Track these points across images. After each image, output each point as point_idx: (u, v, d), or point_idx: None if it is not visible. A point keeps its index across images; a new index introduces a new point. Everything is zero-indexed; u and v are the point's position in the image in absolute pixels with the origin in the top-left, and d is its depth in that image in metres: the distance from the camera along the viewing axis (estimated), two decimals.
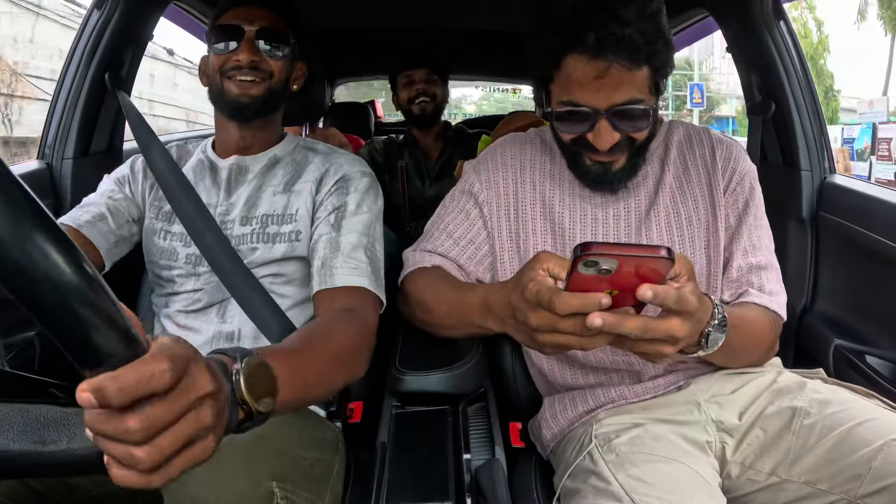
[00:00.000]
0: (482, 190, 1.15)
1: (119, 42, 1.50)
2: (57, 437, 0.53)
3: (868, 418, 0.92)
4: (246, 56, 1.12)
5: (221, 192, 1.19)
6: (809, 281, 1.58)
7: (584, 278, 0.68)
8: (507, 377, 1.27)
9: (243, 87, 1.13)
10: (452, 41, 2.71)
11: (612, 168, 1.03)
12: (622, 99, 0.95)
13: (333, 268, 1.06)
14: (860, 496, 0.87)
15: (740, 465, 1.00)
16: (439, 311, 1.06)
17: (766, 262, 1.08)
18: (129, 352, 0.45)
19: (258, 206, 1.16)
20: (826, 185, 1.56)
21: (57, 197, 1.49)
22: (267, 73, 1.15)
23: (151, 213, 1.21)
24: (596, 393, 1.10)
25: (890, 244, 1.28)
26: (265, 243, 1.13)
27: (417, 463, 0.92)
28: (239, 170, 1.20)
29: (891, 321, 1.34)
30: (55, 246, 0.42)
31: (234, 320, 1.13)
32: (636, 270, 0.67)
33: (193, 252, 1.14)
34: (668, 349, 0.75)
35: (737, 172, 1.10)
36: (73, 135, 1.49)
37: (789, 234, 1.61)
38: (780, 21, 1.57)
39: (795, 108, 1.58)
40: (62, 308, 0.42)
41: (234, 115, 1.16)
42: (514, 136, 1.22)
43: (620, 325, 0.69)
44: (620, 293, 0.69)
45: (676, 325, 0.73)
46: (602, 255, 0.65)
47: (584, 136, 1.00)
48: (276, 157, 1.22)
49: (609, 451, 0.97)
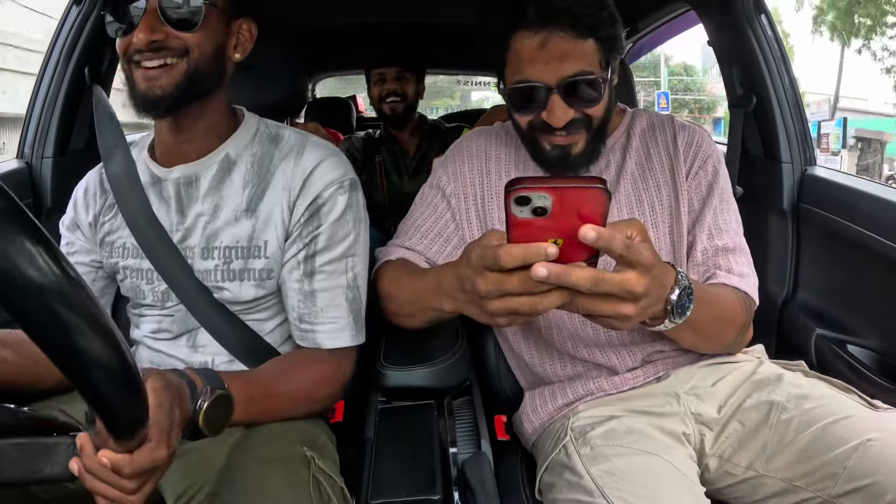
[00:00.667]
0: (449, 182, 1.16)
1: (98, 38, 1.48)
2: (42, 466, 0.63)
3: (845, 415, 0.92)
4: (144, 34, 0.86)
5: (173, 212, 1.00)
6: (791, 272, 1.60)
7: (522, 223, 0.63)
8: (491, 370, 1.27)
9: (149, 76, 0.89)
10: (430, 35, 2.70)
11: (572, 152, 1.02)
12: (571, 71, 0.95)
13: (314, 328, 0.98)
14: (834, 496, 0.87)
15: (718, 458, 1.01)
16: (401, 300, 1.05)
17: (733, 244, 1.06)
18: (142, 429, 0.62)
19: (217, 235, 0.98)
20: (807, 176, 1.58)
21: (37, 197, 1.48)
22: (179, 51, 0.90)
23: (105, 250, 1.05)
24: (575, 385, 1.10)
25: (869, 234, 1.30)
26: (231, 281, 0.98)
27: (404, 458, 0.92)
28: (188, 181, 0.99)
29: (871, 310, 1.36)
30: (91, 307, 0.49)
31: (205, 349, 1.01)
32: (576, 210, 0.62)
33: (159, 288, 1.00)
34: (628, 308, 0.68)
35: (699, 157, 1.09)
36: (53, 133, 1.47)
37: (770, 225, 1.62)
38: (762, 15, 1.58)
39: (776, 100, 1.59)
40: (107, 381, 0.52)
41: (146, 113, 0.92)
42: (480, 129, 1.23)
43: (567, 275, 0.63)
44: (567, 244, 0.64)
45: (633, 278, 0.66)
46: (531, 188, 0.61)
47: (539, 115, 0.99)
48: (231, 159, 1.00)
49: (584, 444, 0.98)
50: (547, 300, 0.67)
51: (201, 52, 0.91)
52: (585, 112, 0.99)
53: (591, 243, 0.62)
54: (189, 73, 0.90)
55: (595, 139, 1.03)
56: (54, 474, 0.64)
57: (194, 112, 0.96)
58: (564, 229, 0.63)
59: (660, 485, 0.87)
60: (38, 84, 1.50)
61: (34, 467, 0.63)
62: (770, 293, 1.58)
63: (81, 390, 0.51)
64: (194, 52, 0.90)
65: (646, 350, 1.09)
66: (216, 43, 0.94)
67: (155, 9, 0.88)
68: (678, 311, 0.80)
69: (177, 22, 0.88)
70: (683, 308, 0.80)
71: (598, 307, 0.68)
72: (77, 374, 0.49)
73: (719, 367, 1.08)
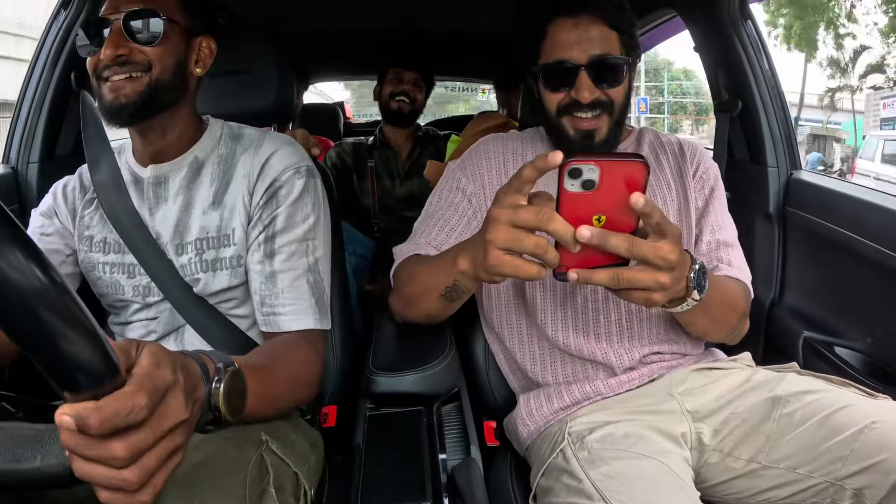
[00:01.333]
0: (469, 183, 1.20)
1: None
2: (30, 454, 0.53)
3: (847, 404, 0.94)
4: (109, 50, 0.94)
5: (147, 210, 1.05)
6: (777, 275, 1.61)
7: (572, 197, 0.69)
8: (480, 376, 1.28)
9: (115, 87, 0.96)
10: (422, 42, 2.72)
11: (595, 137, 1.10)
12: (599, 51, 1.08)
13: (275, 310, 1.00)
14: (842, 477, 0.89)
15: (719, 454, 1.02)
16: (418, 278, 1.05)
17: (732, 241, 1.16)
18: (110, 377, 0.49)
19: (189, 229, 1.03)
20: (792, 180, 1.60)
21: (22, 202, 1.46)
22: (142, 66, 0.96)
23: (83, 245, 1.08)
24: (571, 389, 1.11)
25: (854, 237, 1.32)
26: (205, 272, 1.02)
27: (393, 464, 0.92)
28: (157, 181, 1.05)
29: (857, 311, 1.37)
30: (33, 261, 0.42)
31: (192, 347, 1.03)
32: (620, 182, 0.69)
33: (140, 282, 1.04)
34: (664, 277, 0.74)
35: (702, 164, 1.21)
36: (39, 138, 1.46)
37: (757, 229, 1.64)
38: (747, 21, 1.60)
39: (762, 105, 1.61)
40: (42, 325, 0.43)
41: (112, 121, 0.98)
42: (496, 135, 1.29)
43: (607, 237, 0.68)
44: (609, 220, 0.70)
45: (666, 246, 0.72)
46: (582, 160, 0.67)
47: (568, 94, 1.09)
48: (199, 161, 1.06)
49: (581, 448, 0.98)
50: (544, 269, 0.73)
51: (163, 66, 0.98)
52: (608, 94, 1.10)
53: (638, 209, 0.68)
54: (152, 85, 0.97)
55: (616, 127, 1.13)
56: (46, 466, 0.53)
57: (160, 123, 1.02)
58: (609, 202, 0.70)
59: (658, 488, 0.88)
60: (25, 88, 1.48)
61: (19, 456, 0.53)
62: (757, 296, 1.58)
63: (20, 338, 0.44)
64: (156, 65, 0.97)
65: (643, 351, 1.11)
66: (177, 58, 1.01)
67: (119, 28, 0.95)
68: (697, 287, 0.85)
69: (139, 38, 0.96)
70: (702, 286, 0.86)
71: (637, 277, 0.74)
72: (16, 320, 0.43)
73: (712, 371, 1.10)
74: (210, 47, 1.06)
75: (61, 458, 0.52)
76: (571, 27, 1.09)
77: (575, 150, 1.07)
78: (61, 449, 0.52)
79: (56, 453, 0.53)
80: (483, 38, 2.63)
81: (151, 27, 0.97)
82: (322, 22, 2.37)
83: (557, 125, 1.13)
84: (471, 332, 1.30)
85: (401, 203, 2.33)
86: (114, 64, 0.95)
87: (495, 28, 2.41)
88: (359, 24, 2.46)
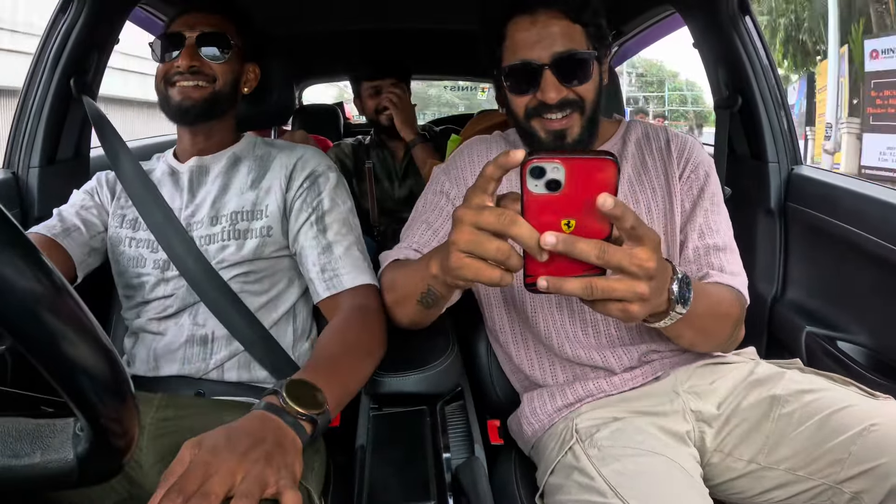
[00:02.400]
0: (453, 187, 1.18)
1: (84, 47, 1.47)
2: (31, 450, 0.51)
3: (847, 405, 0.93)
4: (185, 61, 1.13)
5: (185, 194, 1.19)
6: (779, 270, 1.61)
7: (536, 200, 0.63)
8: (483, 375, 1.28)
9: (184, 91, 1.14)
10: (416, 41, 2.71)
11: (568, 136, 1.06)
12: (562, 48, 1.03)
13: (337, 272, 1.10)
14: (840, 481, 0.88)
15: (720, 454, 1.02)
16: (398, 282, 1.05)
17: (723, 244, 1.09)
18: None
19: (226, 204, 1.16)
20: (793, 175, 1.60)
21: (23, 207, 1.46)
22: (209, 77, 1.16)
23: (115, 221, 1.21)
24: (574, 387, 1.11)
25: (855, 231, 1.32)
26: (236, 240, 1.13)
27: (397, 464, 0.92)
28: (200, 170, 1.21)
29: (860, 306, 1.37)
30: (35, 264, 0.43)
31: (206, 323, 1.13)
32: (588, 183, 0.62)
33: (161, 257, 1.14)
34: (642, 287, 0.66)
35: (691, 162, 1.14)
36: (39, 143, 1.46)
37: (758, 225, 1.64)
38: (746, 16, 1.60)
39: (762, 101, 1.60)
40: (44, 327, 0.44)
41: (178, 119, 1.18)
42: (479, 138, 1.27)
43: (574, 244, 0.62)
44: (579, 226, 0.64)
45: (643, 253, 0.65)
46: (544, 158, 0.62)
47: (534, 96, 1.05)
48: (237, 156, 1.23)
49: (591, 445, 0.98)
50: (507, 276, 0.68)
51: (224, 81, 1.18)
52: (577, 92, 1.05)
53: (607, 211, 0.61)
54: (214, 94, 1.17)
55: (590, 125, 1.07)
56: (46, 462, 0.50)
57: (210, 127, 1.21)
58: (577, 205, 0.63)
59: (670, 484, 0.88)
60: (24, 93, 1.48)
61: (17, 451, 0.50)
62: (759, 292, 1.59)
63: (70, 396, 0.46)
64: (220, 79, 1.17)
65: (641, 349, 1.10)
66: (234, 75, 1.21)
67: (193, 44, 1.15)
68: (681, 300, 0.80)
69: (208, 54, 1.16)
70: (685, 298, 0.80)
71: (612, 287, 0.66)
72: (65, 381, 0.45)
73: (717, 367, 1.09)
74: (255, 72, 1.27)
75: (63, 453, 0.50)
76: (530, 25, 1.04)
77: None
78: (63, 444, 0.50)
79: (57, 448, 0.50)
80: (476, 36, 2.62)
81: (220, 46, 1.17)
82: (315, 23, 2.37)
83: (527, 128, 1.09)
84: (473, 332, 1.30)
85: (400, 204, 2.30)
86: (186, 72, 1.13)
87: None
88: (350, 25, 2.44)
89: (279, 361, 1.14)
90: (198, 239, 1.14)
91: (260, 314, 1.14)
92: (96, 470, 0.52)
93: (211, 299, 1.11)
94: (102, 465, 0.52)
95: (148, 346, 1.14)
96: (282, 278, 1.19)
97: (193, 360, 1.12)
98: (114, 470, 0.53)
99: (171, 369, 1.12)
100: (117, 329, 1.32)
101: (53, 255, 1.09)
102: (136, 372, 1.13)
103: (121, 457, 0.53)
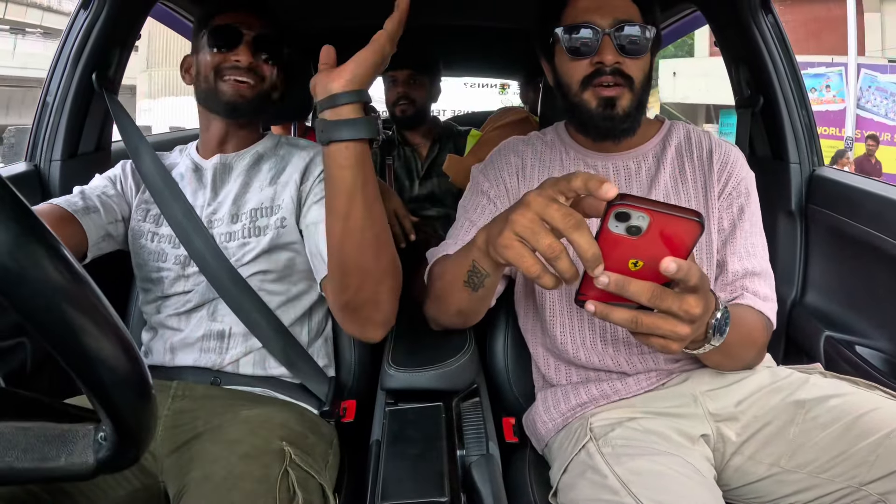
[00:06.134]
0: (492, 187, 1.19)
1: (106, 42, 1.48)
2: (56, 453, 0.54)
3: (872, 408, 0.92)
4: (246, 58, 1.16)
5: (208, 191, 1.20)
6: (799, 273, 1.59)
7: (612, 238, 0.65)
8: (499, 373, 1.27)
9: (239, 88, 1.16)
10: (440, 37, 2.69)
11: (617, 107, 1.07)
12: (623, 15, 1.05)
13: None
14: (865, 482, 0.87)
15: (740, 457, 1.01)
16: (445, 270, 1.04)
17: (759, 268, 1.09)
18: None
19: (247, 202, 1.17)
20: (815, 177, 1.57)
21: (45, 199, 1.48)
22: (260, 78, 1.18)
23: (138, 215, 1.22)
24: (589, 388, 1.10)
25: (878, 235, 1.29)
26: (255, 237, 1.14)
27: (412, 460, 0.92)
28: (223, 168, 1.22)
29: (880, 311, 1.35)
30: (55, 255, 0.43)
31: (224, 319, 1.14)
32: (667, 236, 0.64)
33: (182, 253, 1.15)
34: (685, 329, 0.70)
35: (733, 177, 1.12)
36: (61, 136, 1.48)
37: (779, 226, 1.62)
38: (769, 14, 1.58)
39: (783, 101, 1.58)
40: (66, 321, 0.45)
41: (226, 113, 1.19)
42: (516, 138, 1.28)
43: (627, 284, 0.65)
44: (645, 267, 0.66)
45: (693, 300, 0.68)
46: (634, 206, 0.62)
47: (591, 62, 1.06)
48: (260, 154, 1.24)
49: (605, 444, 0.98)
50: (546, 279, 0.72)
51: (271, 82, 1.21)
52: (629, 67, 1.06)
53: (670, 276, 0.64)
54: (263, 93, 1.20)
55: (638, 105, 1.08)
56: (70, 465, 0.54)
57: (247, 123, 1.24)
58: (649, 253, 0.65)
59: (683, 484, 0.87)
60: (46, 87, 1.50)
61: (45, 455, 0.54)
62: (779, 295, 1.56)
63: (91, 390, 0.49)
64: (268, 79, 1.20)
65: (658, 357, 1.09)
66: (276, 80, 1.23)
67: (252, 41, 1.17)
68: (718, 332, 0.82)
69: (265, 57, 1.19)
70: (723, 330, 0.82)
71: (656, 324, 0.70)
72: (86, 375, 0.47)
73: (737, 372, 1.08)
74: (283, 79, 1.27)
75: (84, 456, 0.54)
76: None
77: (596, 124, 1.08)
78: (85, 448, 0.54)
79: (80, 452, 0.54)
80: (505, 34, 2.60)
81: (274, 49, 1.21)
82: (339, 19, 2.37)
83: (579, 102, 1.09)
84: (491, 329, 1.29)
85: (421, 202, 2.28)
86: (243, 68, 1.16)
87: (517, 24, 2.39)
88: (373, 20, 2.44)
89: (296, 358, 1.14)
90: (218, 236, 1.15)
91: (277, 314, 1.16)
92: (113, 464, 0.54)
93: (230, 296, 1.12)
94: (119, 458, 0.54)
95: (165, 340, 1.16)
96: (299, 280, 1.19)
97: (210, 353, 1.13)
98: (130, 461, 0.55)
99: (188, 360, 1.13)
100: (134, 319, 1.34)
101: (70, 230, 1.09)
102: (153, 362, 1.15)
103: (138, 449, 0.55)
